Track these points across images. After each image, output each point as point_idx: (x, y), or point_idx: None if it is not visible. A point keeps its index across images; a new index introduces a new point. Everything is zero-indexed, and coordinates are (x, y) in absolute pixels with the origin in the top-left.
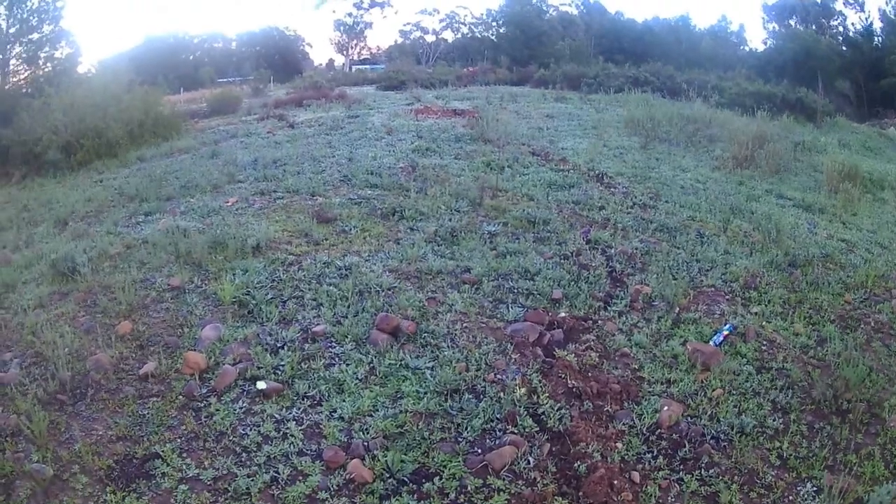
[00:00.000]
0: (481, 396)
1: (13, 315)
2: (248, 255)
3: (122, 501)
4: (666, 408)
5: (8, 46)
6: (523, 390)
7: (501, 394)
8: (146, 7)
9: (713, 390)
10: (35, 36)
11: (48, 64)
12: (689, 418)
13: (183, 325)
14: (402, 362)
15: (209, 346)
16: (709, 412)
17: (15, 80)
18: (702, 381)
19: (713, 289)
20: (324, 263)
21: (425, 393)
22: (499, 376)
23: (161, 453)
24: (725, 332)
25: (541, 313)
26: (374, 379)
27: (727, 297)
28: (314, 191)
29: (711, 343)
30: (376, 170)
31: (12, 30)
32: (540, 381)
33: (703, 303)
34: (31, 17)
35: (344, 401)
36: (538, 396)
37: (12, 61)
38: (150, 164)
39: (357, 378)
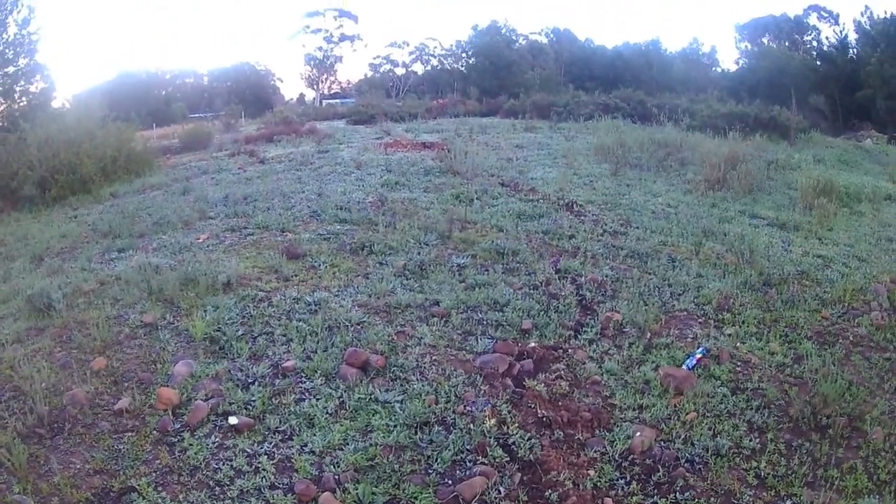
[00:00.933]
0: (451, 428)
1: None
2: (219, 291)
3: None
4: (638, 433)
5: None
6: (493, 421)
7: (471, 425)
8: (119, 42)
9: (686, 414)
10: (10, 69)
11: (23, 98)
12: (662, 443)
13: (156, 360)
14: (372, 396)
15: (181, 381)
16: (682, 436)
17: None
18: (675, 406)
19: (685, 313)
20: (293, 299)
21: (395, 426)
22: (468, 408)
23: (137, 487)
24: (698, 356)
25: (510, 344)
26: (344, 413)
27: (700, 320)
28: (284, 227)
29: (684, 367)
30: (346, 205)
31: None
32: (510, 412)
33: (675, 327)
34: (7, 50)
35: (315, 435)
36: (508, 427)
37: None
38: (123, 200)
39: (327, 412)
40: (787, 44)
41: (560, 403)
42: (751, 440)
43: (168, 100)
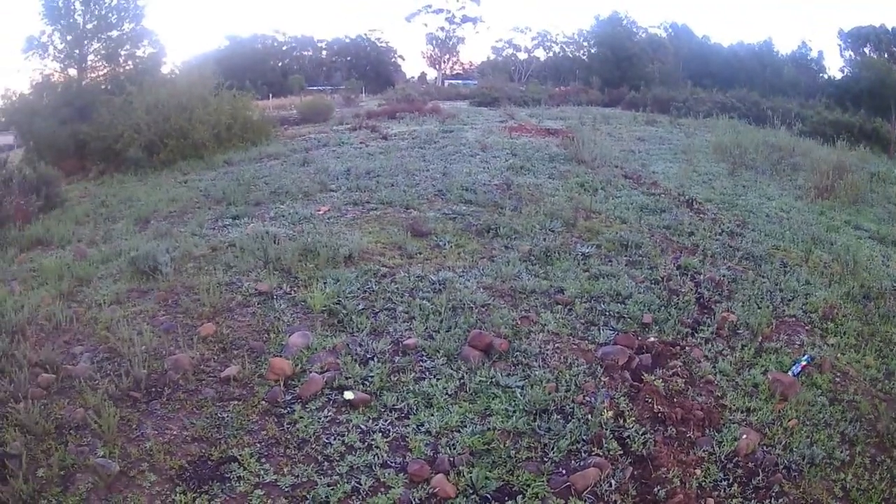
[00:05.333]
0: (569, 417)
1: (86, 309)
2: (340, 264)
3: (193, 503)
4: (744, 436)
5: (85, 42)
6: (610, 413)
7: (589, 416)
8: (232, 10)
9: (789, 420)
10: (114, 33)
11: (129, 62)
12: (764, 447)
13: (269, 330)
14: (493, 380)
15: (296, 353)
16: (783, 442)
17: (93, 76)
18: (779, 411)
19: (794, 319)
20: (417, 277)
21: (514, 411)
22: (587, 398)
23: (238, 457)
24: (803, 363)
25: (631, 337)
26: (463, 395)
27: (806, 327)
28: (408, 204)
29: (790, 373)
30: (471, 186)
31: (90, 25)
32: (627, 405)
33: (784, 332)
34: (110, 14)
35: (432, 415)
36: (625, 420)
37: (90, 57)
38: (238, 168)
39: (447, 393)
40: (885, 55)
41: (675, 400)
42: (842, 452)
43: (285, 71)
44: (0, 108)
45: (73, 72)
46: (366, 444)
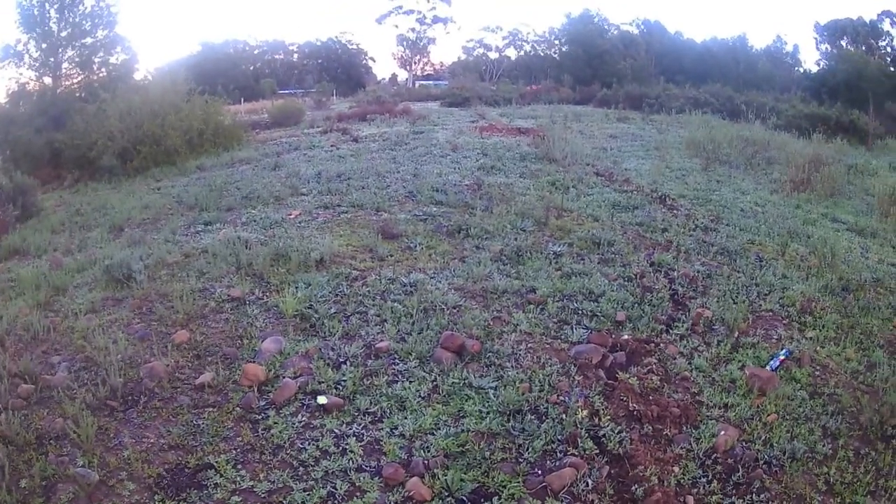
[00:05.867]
0: (544, 417)
1: (63, 318)
2: (312, 268)
3: None
4: (723, 432)
5: (60, 50)
6: (585, 412)
7: (564, 415)
8: (203, 15)
9: (768, 415)
10: (88, 40)
11: (103, 69)
12: (743, 443)
13: (242, 336)
14: (466, 381)
15: (269, 358)
16: (763, 437)
17: (68, 83)
18: (758, 406)
19: (771, 313)
20: (389, 279)
21: (488, 413)
22: (562, 398)
23: (215, 464)
24: (782, 357)
25: (604, 335)
26: (436, 397)
27: (784, 321)
28: (379, 206)
29: (768, 368)
30: (442, 187)
31: (64, 33)
32: (602, 404)
33: (761, 327)
34: (84, 21)
35: (406, 418)
36: (600, 419)
37: (64, 65)
38: (210, 174)
39: (420, 396)
40: (863, 48)
41: (651, 398)
42: (824, 445)
43: (256, 75)
44: None
45: (48, 80)
46: (340, 448)
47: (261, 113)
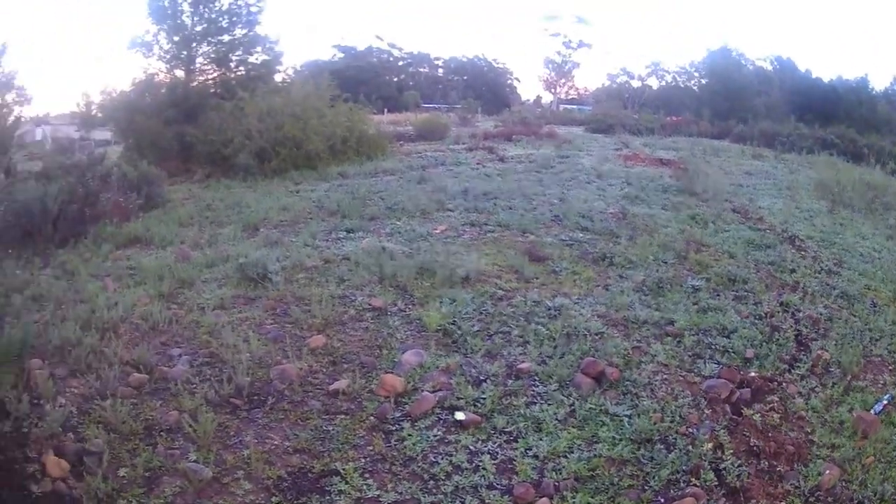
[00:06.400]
0: (672, 448)
1: (187, 312)
2: (457, 284)
3: None
4: (827, 471)
5: (194, 45)
6: (710, 445)
7: (690, 447)
8: (345, 20)
9: (867, 457)
10: (226, 37)
11: (241, 67)
12: (844, 482)
13: (382, 346)
14: (603, 408)
15: (409, 370)
16: (860, 478)
17: (202, 78)
18: (859, 448)
19: (880, 358)
20: (534, 302)
21: (620, 440)
22: (690, 430)
23: (341, 471)
24: (885, 402)
25: (734, 371)
26: (573, 421)
27: (891, 367)
28: (525, 228)
29: (872, 412)
30: (587, 213)
31: (199, 28)
32: (726, 438)
33: (871, 371)
34: (220, 18)
35: (541, 439)
36: (723, 452)
37: (199, 59)
38: (353, 182)
39: (556, 419)
40: None
41: (770, 434)
42: None
43: (400, 86)
44: (98, 103)
45: (179, 73)
46: (473, 464)
47: (405, 125)
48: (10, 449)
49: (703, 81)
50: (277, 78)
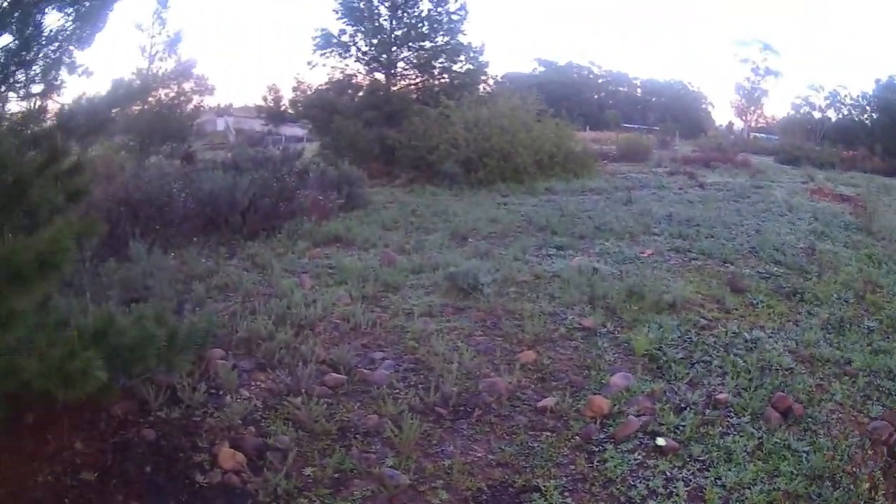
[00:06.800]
0: (837, 486)
1: (391, 316)
2: (664, 310)
3: None
4: None
5: (394, 49)
6: (867, 485)
7: (852, 486)
8: (543, 33)
9: None
10: (427, 44)
11: (444, 75)
12: None
13: (590, 367)
14: (786, 442)
15: (616, 393)
16: None
17: (404, 83)
18: None
19: None
20: (733, 333)
21: (797, 475)
22: (854, 469)
23: (542, 487)
24: None
25: (894, 413)
26: (759, 454)
27: None
28: (726, 257)
29: None
30: (780, 246)
31: (398, 32)
32: (880, 479)
33: None
34: (420, 24)
35: (730, 470)
36: (876, 492)
37: (400, 64)
38: (560, 199)
39: (746, 451)
40: None
41: None
42: None
43: (601, 104)
44: (290, 99)
45: (379, 76)
46: (667, 490)
47: (606, 144)
48: (175, 436)
49: (875, 115)
50: (481, 88)
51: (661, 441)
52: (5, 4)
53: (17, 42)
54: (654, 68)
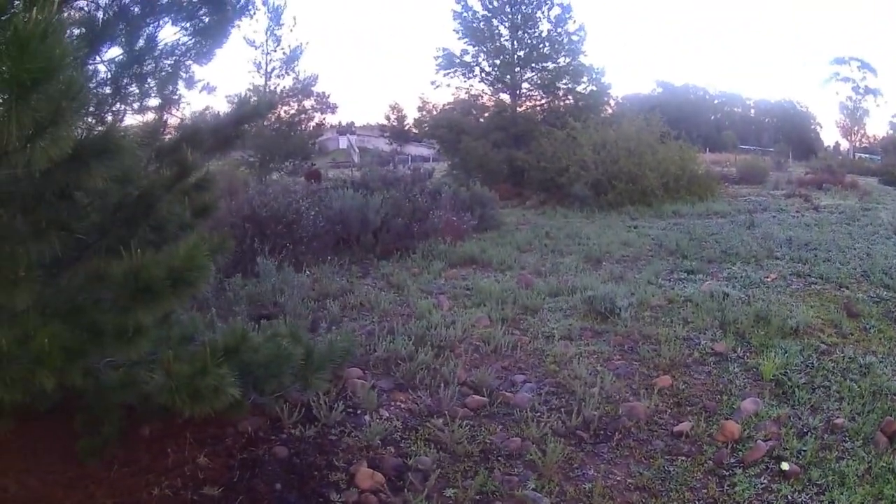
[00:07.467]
0: None
1: (531, 339)
2: (788, 335)
3: None
4: None
5: (517, 70)
6: None
7: None
8: (656, 54)
9: None
10: (549, 65)
11: (569, 96)
12: None
13: (722, 392)
14: (890, 466)
15: (745, 418)
16: None
17: (529, 104)
18: None
19: None
20: (849, 358)
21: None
22: None
23: None
24: None
25: None
26: (867, 477)
27: None
28: (841, 282)
29: None
30: (889, 270)
31: (521, 52)
32: None
33: None
34: (541, 45)
35: (842, 493)
36: None
37: (524, 85)
38: (687, 222)
39: (856, 475)
40: None
41: None
42: None
43: (718, 126)
44: (416, 119)
45: (504, 97)
46: None
47: (725, 166)
48: (310, 454)
49: None
50: (604, 109)
51: (785, 465)
52: (110, 15)
53: (126, 55)
54: (760, 87)
